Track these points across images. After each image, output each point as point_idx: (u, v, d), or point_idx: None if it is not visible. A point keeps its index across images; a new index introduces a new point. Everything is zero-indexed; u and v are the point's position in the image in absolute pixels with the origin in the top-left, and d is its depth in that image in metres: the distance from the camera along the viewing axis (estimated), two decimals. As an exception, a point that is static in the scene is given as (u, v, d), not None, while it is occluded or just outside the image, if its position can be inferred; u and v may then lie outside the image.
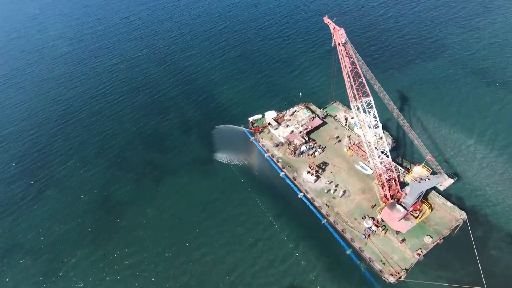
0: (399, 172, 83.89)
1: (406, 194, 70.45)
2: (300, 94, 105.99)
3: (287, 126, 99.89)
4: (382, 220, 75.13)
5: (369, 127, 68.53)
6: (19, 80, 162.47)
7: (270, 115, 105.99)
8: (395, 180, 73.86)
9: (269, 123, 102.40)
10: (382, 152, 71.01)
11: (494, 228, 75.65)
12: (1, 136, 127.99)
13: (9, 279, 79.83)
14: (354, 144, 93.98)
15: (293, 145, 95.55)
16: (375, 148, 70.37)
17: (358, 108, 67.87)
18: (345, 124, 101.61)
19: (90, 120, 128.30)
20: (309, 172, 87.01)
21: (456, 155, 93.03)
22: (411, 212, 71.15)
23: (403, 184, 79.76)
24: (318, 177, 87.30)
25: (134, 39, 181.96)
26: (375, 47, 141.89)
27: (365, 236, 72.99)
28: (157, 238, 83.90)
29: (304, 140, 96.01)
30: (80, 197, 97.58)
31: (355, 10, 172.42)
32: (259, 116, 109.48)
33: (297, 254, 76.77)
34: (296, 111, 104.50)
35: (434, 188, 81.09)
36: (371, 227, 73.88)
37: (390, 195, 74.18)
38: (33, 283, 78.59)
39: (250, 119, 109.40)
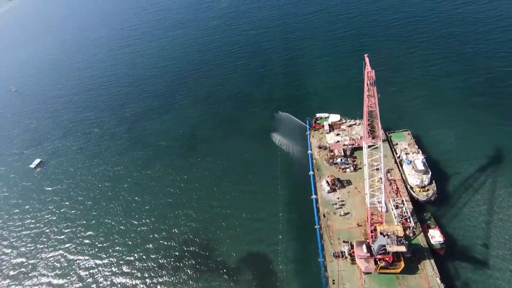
0: (410, 223, 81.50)
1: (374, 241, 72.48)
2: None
3: (337, 134, 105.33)
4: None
5: (370, 168, 71.32)
6: (185, 28, 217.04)
7: (334, 118, 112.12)
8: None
9: (323, 126, 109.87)
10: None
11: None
12: (160, 68, 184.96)
13: (125, 158, 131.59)
14: (389, 179, 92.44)
15: (332, 154, 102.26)
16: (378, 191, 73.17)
17: (365, 148, 71.16)
18: (397, 156, 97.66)
19: (211, 73, 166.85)
20: (327, 182, 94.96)
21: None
22: (377, 259, 73.01)
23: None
24: (334, 190, 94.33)
25: (273, 16, 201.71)
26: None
27: (334, 255, 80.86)
28: (203, 179, 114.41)
29: (343, 154, 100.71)
30: (180, 127, 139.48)
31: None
32: (326, 115, 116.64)
33: (280, 237, 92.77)
34: (355, 124, 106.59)
35: (434, 256, 76.48)
36: (344, 252, 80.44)
37: (373, 235, 76.58)
38: (133, 166, 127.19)
39: (318, 115, 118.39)
